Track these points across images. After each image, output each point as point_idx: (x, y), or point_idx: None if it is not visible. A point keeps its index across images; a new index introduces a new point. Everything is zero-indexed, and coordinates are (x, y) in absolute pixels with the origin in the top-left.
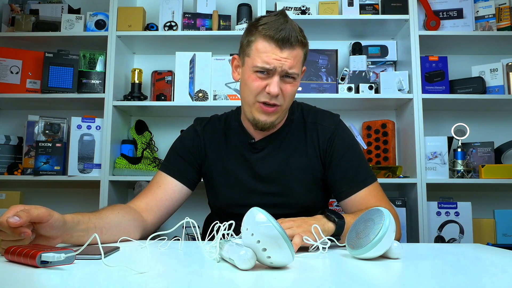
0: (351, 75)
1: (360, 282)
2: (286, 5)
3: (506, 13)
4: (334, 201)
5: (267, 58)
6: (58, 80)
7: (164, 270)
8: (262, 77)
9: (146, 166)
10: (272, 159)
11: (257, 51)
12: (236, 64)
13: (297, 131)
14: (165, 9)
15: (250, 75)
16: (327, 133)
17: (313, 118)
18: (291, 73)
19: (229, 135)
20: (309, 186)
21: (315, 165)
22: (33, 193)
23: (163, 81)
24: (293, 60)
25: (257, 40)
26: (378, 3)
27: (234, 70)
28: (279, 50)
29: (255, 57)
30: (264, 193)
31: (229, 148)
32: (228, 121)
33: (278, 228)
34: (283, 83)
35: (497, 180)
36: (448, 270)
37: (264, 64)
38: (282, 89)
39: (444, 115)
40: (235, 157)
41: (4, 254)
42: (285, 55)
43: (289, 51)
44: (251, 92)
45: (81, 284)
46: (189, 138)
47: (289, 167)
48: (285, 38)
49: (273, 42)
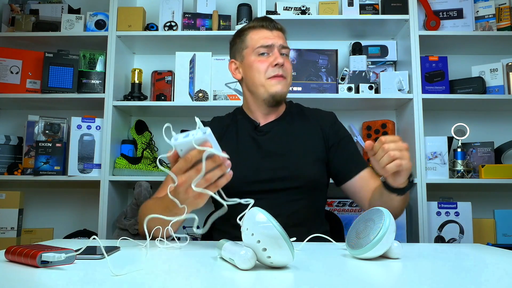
0: (351, 75)
1: (360, 282)
2: (286, 5)
3: (506, 13)
4: (333, 201)
5: (264, 39)
6: (58, 80)
7: (164, 270)
8: (265, 57)
9: (146, 166)
10: (277, 138)
11: (253, 39)
12: (234, 67)
13: (298, 117)
14: (165, 9)
15: (254, 60)
16: (329, 119)
17: (311, 111)
18: (285, 47)
19: (236, 124)
20: (313, 161)
21: (318, 144)
22: (33, 193)
23: (163, 81)
24: (282, 39)
25: (249, 33)
26: (378, 3)
27: (234, 72)
28: (270, 32)
29: (253, 44)
30: (272, 168)
31: (239, 132)
32: (233, 115)
33: (278, 228)
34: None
35: (497, 180)
36: (448, 270)
37: (264, 43)
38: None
39: (444, 115)
40: (244, 140)
41: (4, 254)
42: (276, 34)
43: (277, 32)
44: (260, 73)
45: (81, 284)
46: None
47: (294, 144)
48: (271, 24)
49: (263, 28)
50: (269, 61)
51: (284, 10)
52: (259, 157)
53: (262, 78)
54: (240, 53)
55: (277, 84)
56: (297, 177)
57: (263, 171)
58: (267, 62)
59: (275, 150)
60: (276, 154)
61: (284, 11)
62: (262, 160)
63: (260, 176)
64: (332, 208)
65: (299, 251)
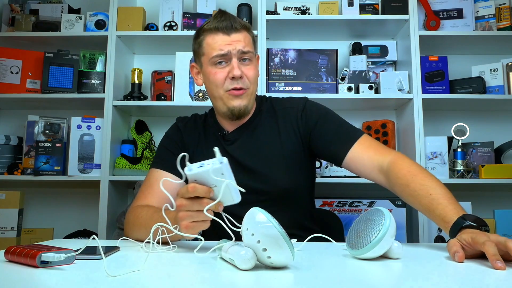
0: (351, 75)
1: (360, 282)
2: (286, 5)
3: (506, 13)
4: (333, 201)
5: (219, 46)
6: (58, 80)
7: (164, 270)
8: (222, 67)
9: (146, 166)
10: (245, 148)
11: (209, 45)
12: (195, 71)
13: (268, 120)
14: (165, 9)
15: (210, 70)
16: (297, 111)
17: (281, 105)
18: (246, 52)
19: (207, 131)
20: (285, 170)
21: (292, 147)
22: (33, 193)
23: (163, 81)
24: (243, 41)
25: (205, 37)
26: (378, 3)
27: (196, 78)
28: (227, 36)
29: (209, 51)
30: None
31: (208, 142)
32: (206, 119)
33: (278, 228)
34: (242, 66)
35: (497, 180)
36: (448, 270)
37: (219, 51)
38: (244, 72)
39: (444, 115)
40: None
41: (4, 254)
42: (234, 38)
43: (236, 34)
44: (217, 85)
45: (81, 284)
46: (173, 133)
47: (262, 154)
48: (228, 25)
49: (219, 31)
50: (225, 73)
51: (284, 10)
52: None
53: (220, 91)
54: (199, 59)
55: (236, 99)
56: (269, 190)
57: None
58: (224, 72)
59: (244, 162)
60: (245, 166)
61: (284, 11)
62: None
63: None
64: (332, 208)
65: (299, 251)
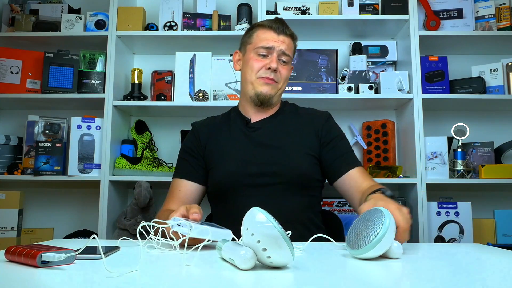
0: (351, 75)
1: (360, 282)
2: (286, 5)
3: (506, 13)
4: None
5: (267, 40)
6: (58, 80)
7: (164, 270)
8: (262, 58)
9: (146, 166)
10: (268, 133)
11: (258, 37)
12: (237, 58)
13: (291, 116)
14: (165, 9)
15: (252, 57)
16: (322, 118)
17: (305, 110)
18: (286, 54)
19: (229, 122)
20: (304, 157)
21: (311, 142)
22: (33, 193)
23: (163, 81)
24: (287, 45)
25: (257, 30)
26: (378, 3)
27: (235, 63)
28: (276, 35)
29: (257, 41)
30: (261, 162)
31: (231, 130)
32: (227, 114)
33: (278, 228)
34: (279, 64)
35: (497, 180)
36: (448, 270)
37: (265, 43)
38: (279, 68)
39: (444, 115)
40: (236, 135)
41: (4, 254)
42: (281, 39)
43: (283, 37)
44: (252, 70)
45: (81, 284)
46: (187, 140)
47: (285, 139)
48: (280, 28)
49: (271, 29)
50: (263, 63)
51: (284, 10)
52: (249, 150)
53: (253, 76)
54: (244, 47)
55: (265, 85)
56: (286, 171)
57: (252, 165)
58: (263, 63)
59: (265, 143)
60: (266, 147)
61: (284, 11)
62: (251, 153)
63: (249, 169)
64: (332, 208)
65: (299, 251)
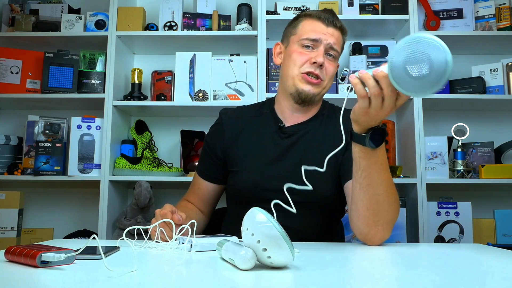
0: None
1: (361, 282)
2: (286, 5)
3: (506, 13)
4: None
5: (314, 31)
6: (58, 80)
7: (164, 270)
8: (307, 51)
9: (146, 166)
10: (300, 145)
11: (304, 27)
12: (278, 51)
13: (328, 122)
14: (165, 9)
15: (296, 49)
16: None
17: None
18: (334, 49)
19: (260, 121)
20: (333, 177)
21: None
22: (33, 193)
23: (163, 81)
24: (336, 39)
25: (304, 20)
26: (378, 3)
27: (276, 56)
28: (325, 26)
29: (302, 32)
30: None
31: (261, 131)
32: (259, 109)
33: (278, 228)
34: (326, 59)
35: (497, 180)
36: (448, 270)
37: (311, 35)
38: (325, 64)
39: (444, 115)
40: (265, 140)
41: (4, 254)
42: (330, 31)
43: (333, 29)
44: (295, 64)
45: (81, 284)
46: (211, 133)
47: (317, 157)
48: (330, 19)
49: (320, 20)
50: (308, 57)
51: (284, 10)
52: (277, 161)
53: (296, 71)
54: (287, 38)
55: (308, 84)
56: (313, 195)
57: (278, 179)
58: (307, 57)
59: (295, 155)
60: (296, 159)
61: (284, 11)
62: (278, 167)
63: (273, 184)
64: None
65: (299, 251)
